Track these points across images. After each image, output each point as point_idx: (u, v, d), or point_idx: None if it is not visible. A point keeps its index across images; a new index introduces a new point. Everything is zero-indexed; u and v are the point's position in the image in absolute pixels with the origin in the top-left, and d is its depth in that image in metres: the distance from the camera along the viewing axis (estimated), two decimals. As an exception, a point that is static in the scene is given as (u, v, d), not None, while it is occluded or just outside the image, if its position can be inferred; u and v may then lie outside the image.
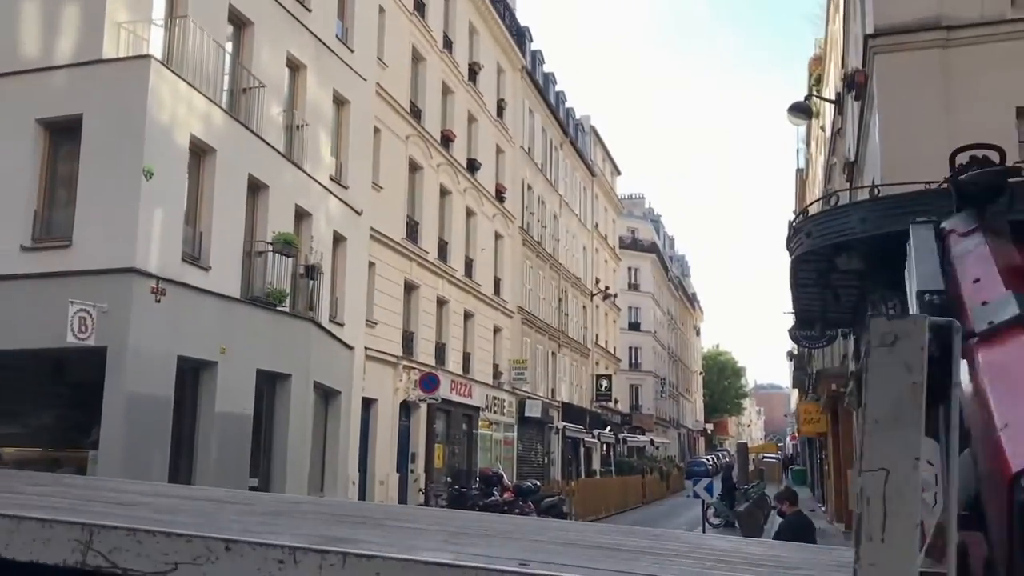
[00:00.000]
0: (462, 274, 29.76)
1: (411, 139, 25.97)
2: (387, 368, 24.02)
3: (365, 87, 22.68)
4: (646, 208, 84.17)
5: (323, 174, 20.47)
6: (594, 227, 52.62)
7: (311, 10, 20.20)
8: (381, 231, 23.64)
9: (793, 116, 19.85)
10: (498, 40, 34.52)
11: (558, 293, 42.91)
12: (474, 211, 31.22)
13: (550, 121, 42.56)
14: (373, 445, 23.23)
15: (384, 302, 23.96)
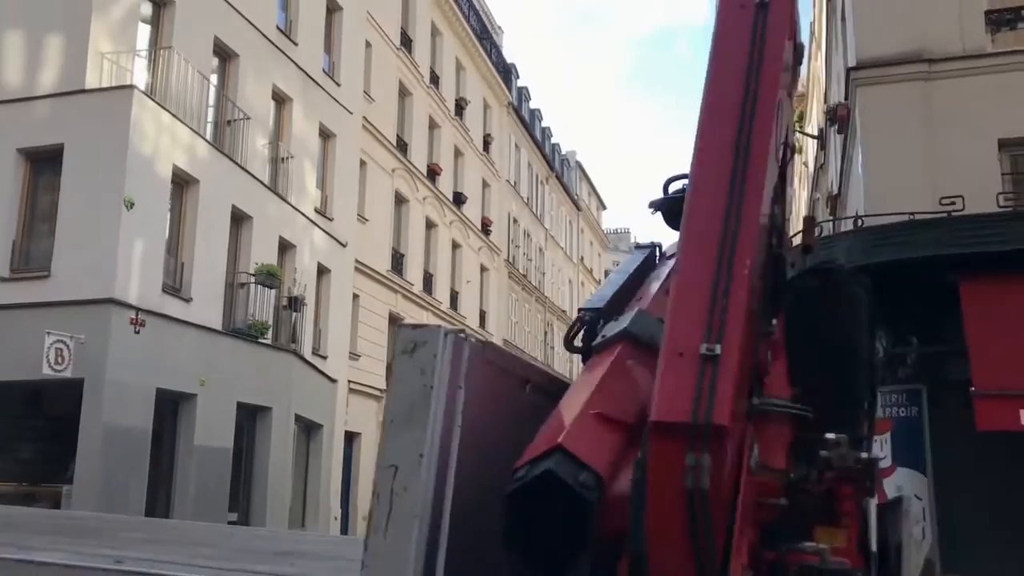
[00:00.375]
0: (447, 306, 29.63)
1: (397, 172, 25.96)
2: (371, 401, 23.78)
3: (351, 120, 22.69)
4: (632, 242, 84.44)
5: (308, 206, 20.40)
6: (580, 260, 52.67)
7: (298, 43, 20.26)
8: (366, 263, 23.53)
9: (777, 151, 19.95)
10: (484, 76, 34.69)
11: (544, 326, 42.80)
12: (460, 244, 31.17)
13: (536, 156, 42.72)
14: (356, 480, 22.93)
15: (368, 334, 23.79)
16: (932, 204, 9.01)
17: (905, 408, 9.08)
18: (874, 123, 10.25)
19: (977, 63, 10.03)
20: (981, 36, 10.12)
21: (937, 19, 10.18)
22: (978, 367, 7.38)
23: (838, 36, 14.37)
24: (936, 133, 9.88)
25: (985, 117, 9.81)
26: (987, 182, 9.35)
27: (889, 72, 10.26)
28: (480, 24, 34.29)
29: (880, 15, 10.50)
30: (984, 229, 7.96)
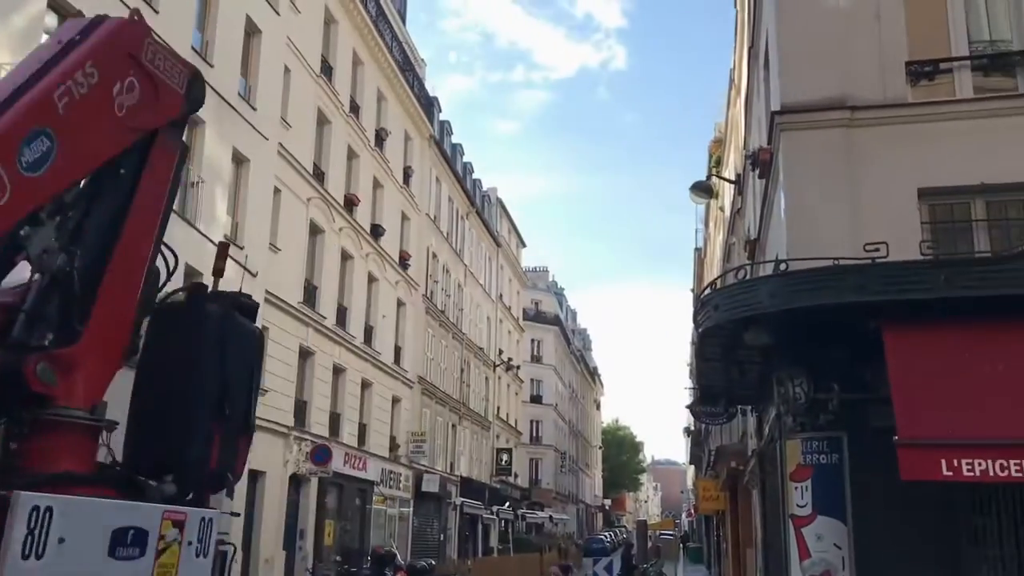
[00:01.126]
0: (361, 341, 28.94)
1: (313, 201, 25.35)
2: (277, 439, 22.91)
3: (267, 146, 22.07)
4: (550, 281, 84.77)
5: (217, 233, 19.61)
6: (499, 298, 52.47)
7: (213, 65, 19.62)
8: (277, 294, 22.78)
9: (695, 195, 20.12)
10: (406, 108, 34.41)
11: (460, 363, 42.31)
12: (376, 277, 30.59)
13: (457, 191, 42.51)
14: (259, 521, 21.97)
15: (276, 369, 22.95)
16: (853, 250, 8.95)
17: (826, 455, 8.94)
18: (797, 168, 10.23)
19: (897, 112, 10.11)
20: (902, 86, 10.22)
21: (860, 67, 10.26)
22: (902, 416, 7.24)
23: (759, 82, 14.48)
24: (858, 180, 9.89)
25: (905, 166, 9.87)
26: (908, 230, 9.36)
27: (812, 118, 10.27)
28: (403, 55, 34.07)
29: (805, 61, 10.54)
30: (908, 276, 7.90)
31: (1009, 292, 7.65)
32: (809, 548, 8.84)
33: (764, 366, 10.70)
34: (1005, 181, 9.65)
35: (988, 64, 10.36)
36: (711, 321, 9.31)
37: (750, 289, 8.94)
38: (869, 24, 10.44)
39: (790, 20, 10.86)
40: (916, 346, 7.82)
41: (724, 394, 13.50)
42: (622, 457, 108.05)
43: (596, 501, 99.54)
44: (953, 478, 6.99)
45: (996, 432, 7.14)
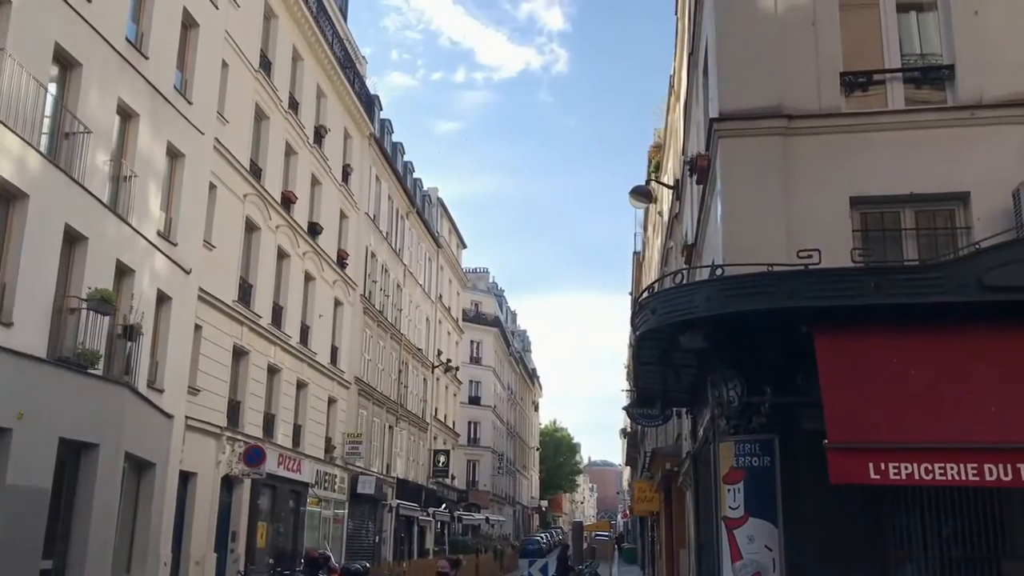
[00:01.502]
0: (297, 341, 28.56)
1: (249, 198, 24.94)
2: (209, 439, 22.49)
3: (202, 141, 21.65)
4: (490, 282, 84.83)
5: (150, 229, 19.21)
6: (438, 298, 52.29)
7: (148, 57, 19.18)
8: (211, 292, 22.37)
9: (634, 199, 20.28)
10: (346, 105, 34.08)
11: (398, 364, 42.04)
12: (313, 276, 30.21)
13: (397, 190, 42.23)
14: (190, 522, 21.53)
15: (210, 368, 22.55)
16: (788, 256, 9.11)
17: (758, 458, 9.07)
18: (734, 174, 10.36)
19: (832, 122, 10.31)
20: (836, 96, 10.43)
21: (796, 76, 10.44)
22: (832, 420, 7.38)
23: (699, 88, 14.65)
24: (793, 187, 10.06)
25: (838, 174, 10.07)
26: (841, 237, 9.57)
27: (750, 125, 10.42)
28: (344, 52, 33.74)
29: (743, 69, 10.67)
30: (839, 283, 8.06)
31: (936, 299, 7.85)
32: (741, 550, 8.97)
33: (700, 369, 10.83)
34: (933, 191, 9.92)
35: (919, 77, 10.63)
36: (648, 325, 9.38)
37: (687, 294, 9.03)
38: (806, 35, 10.64)
39: (729, 28, 11.01)
40: (846, 351, 7.98)
41: (660, 396, 13.63)
42: (559, 458, 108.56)
43: (533, 502, 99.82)
44: (880, 481, 7.14)
45: (922, 436, 7.32)
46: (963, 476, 7.05)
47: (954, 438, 7.26)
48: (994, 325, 7.92)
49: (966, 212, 9.81)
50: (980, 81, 10.11)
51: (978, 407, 7.54)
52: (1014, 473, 6.97)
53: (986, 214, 9.55)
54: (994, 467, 7.00)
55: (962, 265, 7.98)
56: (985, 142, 9.88)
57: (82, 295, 16.26)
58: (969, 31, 10.28)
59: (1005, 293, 7.76)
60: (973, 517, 8.22)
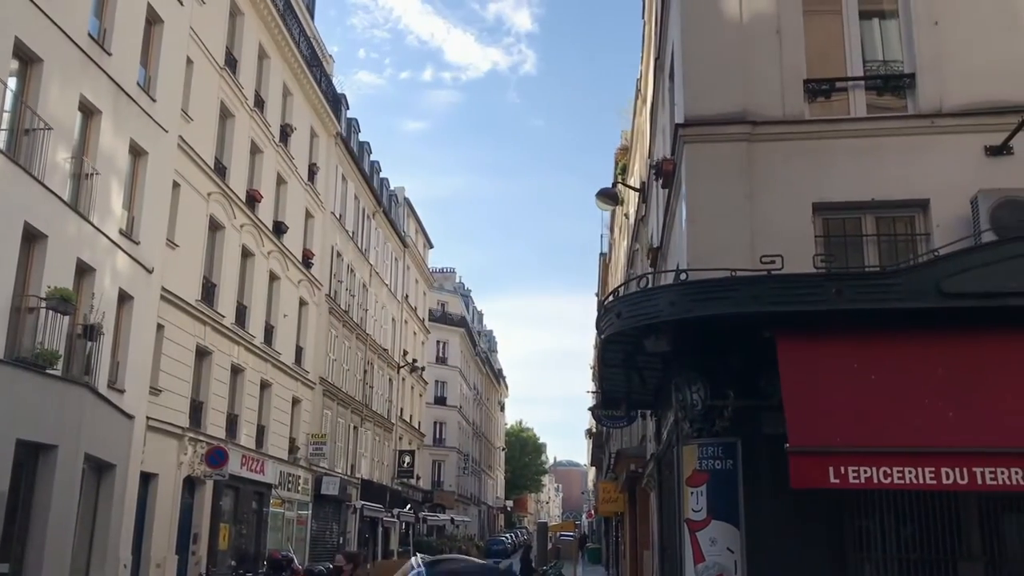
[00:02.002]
0: (261, 341, 28.32)
1: (213, 197, 24.69)
2: (171, 440, 22.23)
3: (166, 139, 21.41)
4: (457, 283, 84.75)
5: (112, 227, 18.96)
6: (404, 298, 52.12)
7: (111, 54, 18.93)
8: (174, 292, 22.13)
9: (601, 201, 20.34)
10: (312, 104, 33.87)
11: (364, 365, 41.85)
12: (278, 276, 29.99)
13: (363, 189, 42.04)
14: (151, 524, 21.28)
15: (172, 368, 22.30)
16: (751, 261, 9.21)
17: (721, 461, 9.14)
18: (699, 179, 10.44)
19: (795, 128, 10.42)
20: (800, 103, 10.55)
21: (761, 83, 10.54)
22: (793, 424, 7.46)
23: (665, 92, 14.74)
24: (757, 193, 10.16)
25: (801, 180, 10.18)
26: (803, 243, 9.67)
27: (715, 131, 10.50)
28: (310, 51, 33.53)
29: (708, 75, 10.76)
30: (800, 288, 8.15)
31: (895, 306, 7.96)
32: (703, 552, 9.03)
33: (664, 372, 10.90)
34: (893, 198, 10.06)
35: (881, 85, 10.77)
36: (613, 328, 9.42)
37: (651, 298, 9.07)
38: (770, 42, 10.74)
39: (695, 35, 11.09)
40: (808, 356, 8.07)
41: (625, 398, 13.71)
42: (525, 459, 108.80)
43: (498, 503, 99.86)
44: (840, 485, 7.22)
45: (881, 440, 7.41)
46: (921, 480, 7.15)
47: (912, 442, 7.36)
48: (952, 331, 8.05)
49: (926, 219, 9.96)
50: (940, 90, 10.28)
51: (936, 412, 7.65)
52: (970, 477, 7.08)
53: (945, 221, 9.70)
54: (951, 471, 7.10)
55: (921, 272, 8.10)
56: (944, 150, 10.04)
57: (41, 294, 16.01)
58: (929, 40, 10.45)
59: (962, 300, 7.89)
60: (931, 520, 8.34)
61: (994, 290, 7.86)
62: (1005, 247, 8.10)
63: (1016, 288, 7.83)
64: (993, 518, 8.36)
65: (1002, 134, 9.82)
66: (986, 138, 9.96)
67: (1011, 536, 8.41)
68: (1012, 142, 9.82)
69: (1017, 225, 8.90)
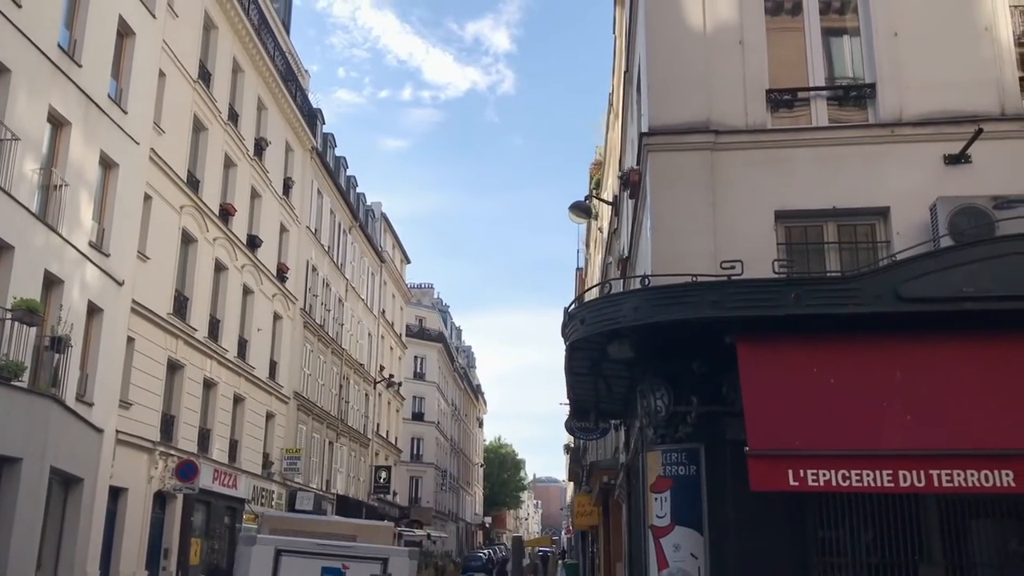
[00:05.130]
0: (234, 355, 28.15)
1: (186, 210, 24.58)
2: (141, 454, 22.03)
3: (137, 151, 21.32)
4: (435, 298, 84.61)
5: (81, 239, 18.83)
6: (381, 313, 51.97)
7: (82, 65, 18.86)
8: (145, 304, 21.97)
9: (573, 214, 20.46)
10: (288, 118, 33.83)
11: (339, 380, 41.65)
12: (252, 289, 29.84)
13: (339, 204, 41.98)
14: (120, 539, 21.05)
15: (143, 381, 22.11)
16: (715, 269, 9.28)
17: (684, 467, 9.17)
18: (663, 188, 10.52)
19: (758, 137, 10.53)
20: (763, 112, 10.66)
21: (724, 93, 10.66)
22: (752, 428, 7.51)
23: (633, 105, 14.86)
24: (720, 201, 10.25)
25: (764, 189, 10.28)
26: (766, 250, 9.75)
27: (678, 140, 10.59)
28: (286, 65, 33.52)
29: (673, 85, 10.86)
30: (760, 293, 8.21)
31: (854, 310, 8.04)
32: (667, 558, 9.04)
33: (630, 380, 10.93)
34: (854, 206, 10.17)
35: (842, 95, 10.91)
36: (578, 334, 9.45)
37: (614, 303, 9.11)
38: (733, 53, 10.86)
39: (659, 46, 11.19)
40: (768, 360, 8.12)
41: (593, 408, 13.70)
42: (503, 475, 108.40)
43: (476, 519, 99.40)
44: (799, 488, 7.27)
45: (839, 444, 7.47)
46: (879, 483, 7.21)
47: (870, 445, 7.43)
48: (909, 335, 8.14)
49: (886, 226, 10.08)
50: (899, 100, 10.43)
51: (894, 415, 7.71)
52: (927, 479, 7.15)
53: (905, 228, 9.82)
54: (908, 473, 7.17)
55: (879, 277, 8.18)
56: (904, 159, 10.18)
57: (7, 305, 15.86)
58: (889, 51, 10.60)
59: (920, 304, 7.97)
60: (891, 524, 8.40)
61: (951, 295, 7.95)
62: (962, 252, 8.19)
63: (973, 292, 7.93)
64: (954, 522, 8.43)
65: (960, 143, 9.97)
66: (945, 147, 10.11)
67: (971, 540, 8.47)
68: (970, 151, 9.97)
69: (975, 232, 9.02)
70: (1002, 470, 7.14)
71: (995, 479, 7.13)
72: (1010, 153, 10.03)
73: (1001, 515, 8.50)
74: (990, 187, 9.66)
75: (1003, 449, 7.25)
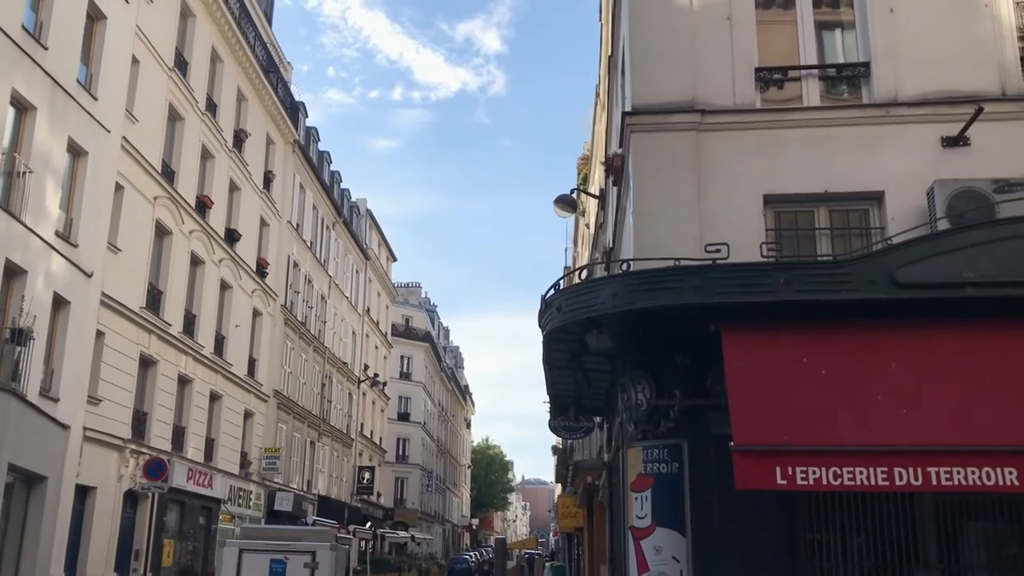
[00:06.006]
0: (211, 351, 27.48)
1: (160, 201, 23.92)
2: (111, 452, 21.36)
3: (108, 139, 20.66)
4: (422, 297, 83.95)
5: (47, 228, 18.18)
6: (365, 312, 51.30)
7: (48, 48, 18.20)
8: (115, 298, 21.31)
9: (559, 207, 19.85)
10: (268, 110, 33.17)
11: (322, 378, 40.98)
12: (230, 284, 29.17)
13: (322, 199, 41.32)
14: (87, 540, 20.39)
15: (113, 377, 21.44)
16: (701, 254, 8.74)
17: (666, 464, 8.62)
18: (646, 169, 9.98)
19: (746, 118, 10.01)
20: (751, 92, 10.13)
21: (711, 71, 10.13)
22: (738, 422, 6.97)
23: (619, 90, 14.33)
24: (707, 184, 9.72)
25: (752, 171, 9.75)
26: (754, 236, 9.18)
27: (663, 120, 10.05)
28: (267, 56, 32.86)
29: (657, 63, 10.32)
30: (747, 278, 7.68)
31: (847, 297, 7.52)
32: (648, 561, 8.50)
33: (611, 373, 10.39)
34: (847, 190, 9.66)
35: (835, 74, 10.41)
36: (554, 323, 8.90)
37: (592, 290, 8.56)
38: (721, 29, 10.34)
39: (643, 22, 10.65)
40: (755, 350, 7.59)
41: (574, 403, 13.15)
42: (491, 476, 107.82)
43: (463, 521, 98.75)
44: (787, 487, 6.75)
45: (831, 439, 6.96)
46: (873, 481, 6.71)
47: (864, 441, 6.91)
48: (906, 323, 7.63)
49: (880, 212, 9.57)
50: (895, 79, 9.92)
51: (889, 409, 7.21)
52: (924, 477, 6.65)
53: (900, 214, 9.31)
54: (904, 471, 6.67)
55: (873, 261, 7.66)
56: (900, 141, 9.68)
57: (-36, 295, 15.22)
58: (884, 28, 10.10)
59: (917, 290, 7.47)
60: (885, 526, 7.88)
61: (950, 280, 7.45)
62: (961, 235, 7.70)
63: (973, 278, 7.43)
64: (950, 525, 7.91)
65: (958, 124, 9.49)
66: (942, 128, 9.61)
67: (968, 544, 7.97)
68: (968, 133, 9.47)
69: (974, 215, 8.51)
70: (1005, 467, 6.66)
71: (997, 477, 6.64)
72: (1010, 135, 9.54)
73: (1001, 516, 7.99)
74: (990, 170, 9.16)
75: (1006, 445, 6.76)
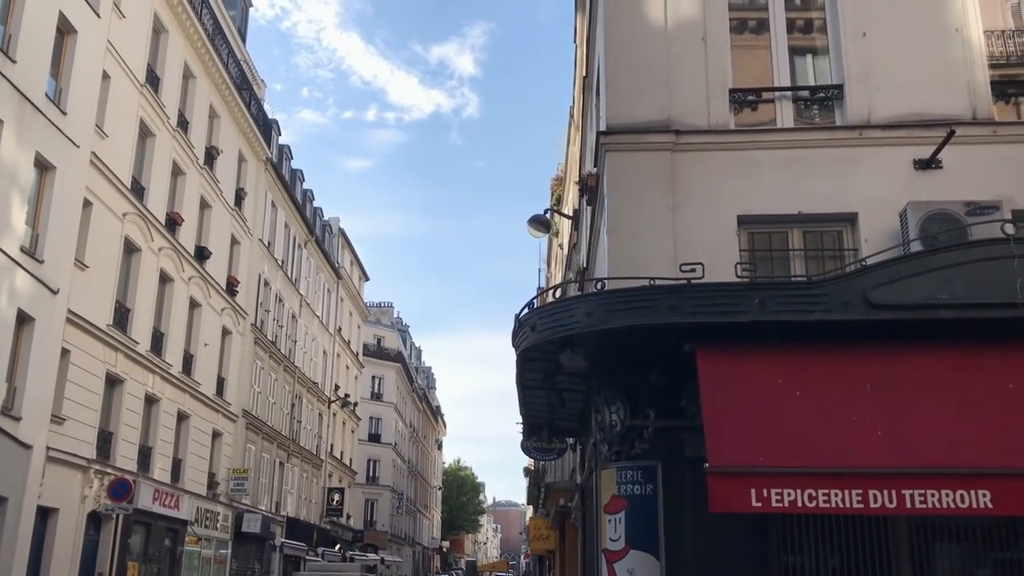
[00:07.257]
0: (179, 370, 27.07)
1: (129, 217, 23.59)
2: (75, 472, 20.91)
3: (77, 154, 20.37)
4: (394, 317, 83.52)
5: (12, 244, 17.86)
6: (337, 331, 50.91)
7: (16, 61, 17.96)
8: (82, 315, 20.94)
9: (533, 227, 19.82)
10: (241, 127, 32.93)
11: (292, 398, 40.53)
12: (199, 302, 28.80)
13: (295, 217, 41.04)
14: (48, 562, 19.89)
15: (78, 396, 21.03)
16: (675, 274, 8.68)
17: (640, 486, 8.53)
18: (621, 189, 9.93)
19: (720, 139, 10.00)
20: (725, 113, 10.13)
21: (686, 91, 10.11)
22: (712, 443, 6.90)
23: (593, 111, 14.33)
24: (681, 204, 9.69)
25: (726, 192, 9.73)
26: (728, 257, 9.16)
27: (637, 139, 10.02)
28: (240, 74, 32.67)
29: (632, 83, 10.30)
30: (722, 298, 7.64)
31: (822, 317, 7.50)
32: (621, 584, 8.38)
33: (586, 394, 10.30)
34: (821, 211, 9.66)
35: (808, 96, 10.44)
36: (528, 342, 8.82)
37: (566, 309, 8.48)
38: (695, 50, 10.34)
39: (618, 43, 10.64)
40: (729, 370, 7.54)
41: (547, 424, 13.05)
42: (462, 498, 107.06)
43: (434, 543, 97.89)
44: (763, 509, 6.69)
45: (806, 461, 6.90)
46: (848, 504, 6.67)
47: (839, 463, 6.87)
48: (880, 345, 7.62)
49: (854, 233, 9.58)
50: (868, 101, 9.96)
51: (864, 430, 7.17)
52: (899, 500, 6.61)
53: (873, 235, 9.32)
54: (879, 493, 6.63)
55: (848, 282, 7.65)
56: (873, 163, 9.70)
57: (-75, 311, 14.87)
58: (857, 52, 10.15)
59: (891, 312, 7.47)
60: (859, 549, 7.82)
61: (923, 301, 7.46)
62: (934, 257, 7.71)
63: (946, 300, 7.43)
64: (924, 547, 7.88)
65: (930, 147, 9.52)
66: (915, 151, 9.65)
67: (942, 566, 7.92)
68: (940, 155, 9.52)
69: (947, 237, 8.54)
70: (979, 490, 6.63)
71: (971, 500, 6.61)
72: (981, 158, 9.59)
73: (973, 539, 7.96)
74: (961, 192, 9.21)
75: (980, 467, 6.73)
